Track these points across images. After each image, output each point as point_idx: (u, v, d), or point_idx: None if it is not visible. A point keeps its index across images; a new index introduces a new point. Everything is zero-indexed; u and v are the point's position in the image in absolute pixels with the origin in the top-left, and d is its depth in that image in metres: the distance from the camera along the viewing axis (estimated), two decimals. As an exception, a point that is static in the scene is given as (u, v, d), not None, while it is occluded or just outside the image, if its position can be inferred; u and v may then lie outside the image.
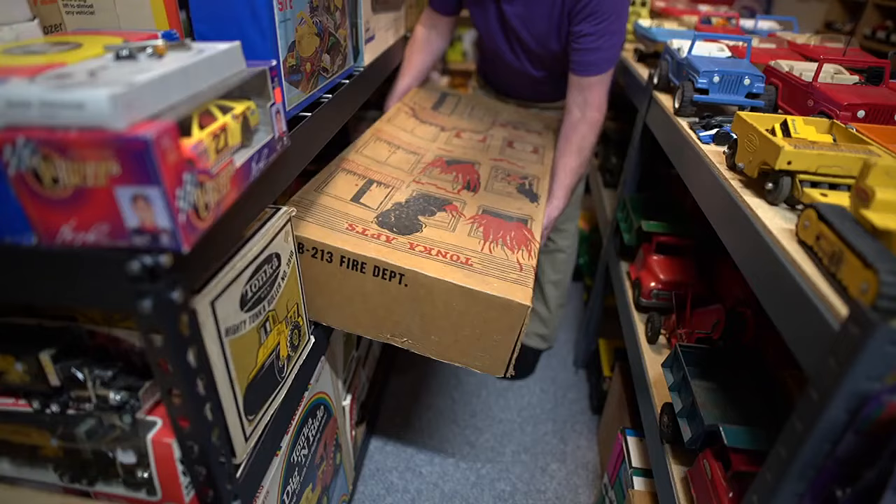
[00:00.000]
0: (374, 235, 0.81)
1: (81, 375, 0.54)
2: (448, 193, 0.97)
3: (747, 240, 0.62)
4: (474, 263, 0.80)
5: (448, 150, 1.14)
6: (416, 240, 0.82)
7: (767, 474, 0.53)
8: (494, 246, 0.85)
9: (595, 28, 1.07)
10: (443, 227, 0.87)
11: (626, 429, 1.04)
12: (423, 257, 0.78)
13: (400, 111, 1.23)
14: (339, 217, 0.83)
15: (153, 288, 0.43)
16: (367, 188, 0.92)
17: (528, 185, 1.06)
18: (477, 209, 0.94)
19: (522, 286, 0.77)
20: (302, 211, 0.81)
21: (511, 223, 0.93)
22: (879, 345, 0.41)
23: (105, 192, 0.40)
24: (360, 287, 0.78)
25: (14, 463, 0.59)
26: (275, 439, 0.72)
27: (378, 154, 1.03)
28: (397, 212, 0.88)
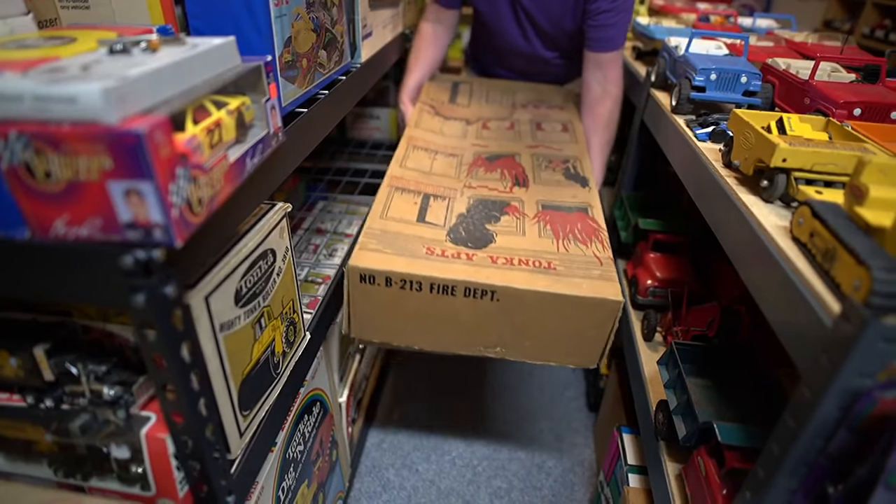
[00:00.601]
0: (455, 255, 0.80)
1: (76, 370, 0.54)
2: (502, 193, 0.97)
3: (742, 237, 0.62)
4: (557, 266, 0.79)
5: (482, 144, 1.13)
6: (495, 252, 0.82)
7: (760, 471, 0.53)
8: (568, 243, 0.85)
9: (612, 4, 1.10)
10: (512, 232, 0.87)
11: (621, 426, 1.04)
12: (508, 269, 0.78)
13: (422, 112, 1.22)
14: (414, 242, 0.82)
15: (146, 283, 0.43)
16: (426, 204, 0.92)
17: (573, 170, 1.04)
18: (536, 206, 0.94)
19: (610, 281, 0.77)
20: (378, 243, 0.80)
21: (573, 214, 0.92)
22: (871, 341, 0.41)
23: (98, 186, 0.40)
24: (451, 308, 0.78)
25: (9, 458, 0.59)
26: (270, 435, 0.72)
27: (421, 164, 1.03)
28: (464, 224, 0.88)
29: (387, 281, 0.75)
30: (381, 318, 0.80)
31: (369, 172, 1.36)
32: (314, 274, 1.04)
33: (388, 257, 0.77)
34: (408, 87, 1.30)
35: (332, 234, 1.18)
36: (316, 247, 1.14)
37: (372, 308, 0.79)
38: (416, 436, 1.37)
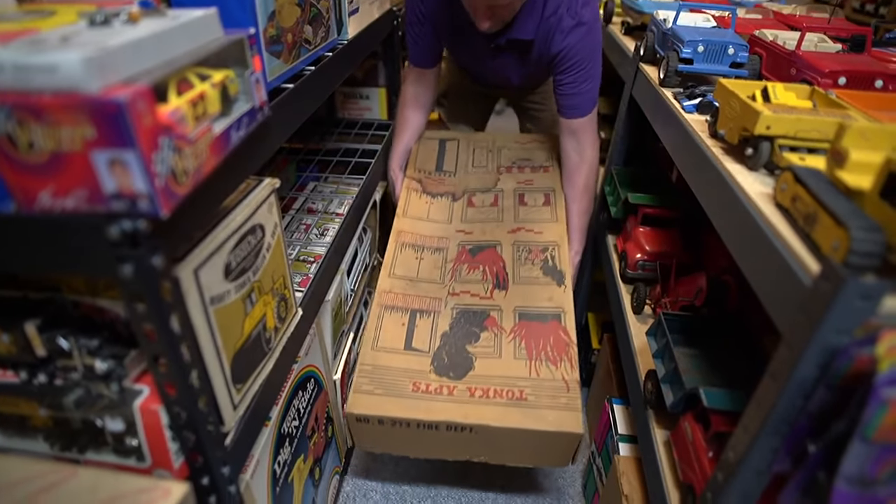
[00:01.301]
0: (437, 390, 0.92)
1: (67, 345, 0.54)
2: (483, 301, 1.06)
3: (726, 204, 0.62)
4: (528, 396, 0.90)
5: (467, 231, 1.21)
6: (473, 382, 0.93)
7: (742, 431, 0.55)
8: (539, 364, 0.95)
9: (574, 77, 1.14)
10: (490, 354, 0.97)
11: (612, 398, 1.06)
12: (484, 404, 0.89)
13: (410, 192, 1.29)
14: (402, 378, 0.93)
15: (134, 254, 0.43)
16: (413, 324, 1.02)
17: (550, 262, 1.12)
18: (514, 316, 1.03)
19: (573, 412, 0.88)
20: (370, 383, 0.92)
21: (547, 324, 1.01)
22: (849, 299, 0.42)
23: (81, 156, 0.40)
24: (435, 437, 0.91)
25: (4, 433, 0.60)
26: (264, 409, 0.73)
27: (409, 268, 1.12)
28: (447, 347, 0.99)
29: (379, 421, 0.89)
30: (379, 439, 0.95)
31: (359, 152, 1.35)
32: (305, 253, 1.05)
33: (379, 400, 0.90)
34: (396, 154, 1.35)
35: (322, 213, 1.18)
36: (307, 226, 1.14)
37: (370, 434, 0.93)
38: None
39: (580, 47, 1.10)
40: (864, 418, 0.41)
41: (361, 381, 0.92)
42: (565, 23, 1.09)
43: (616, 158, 1.27)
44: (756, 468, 0.54)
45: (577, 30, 1.09)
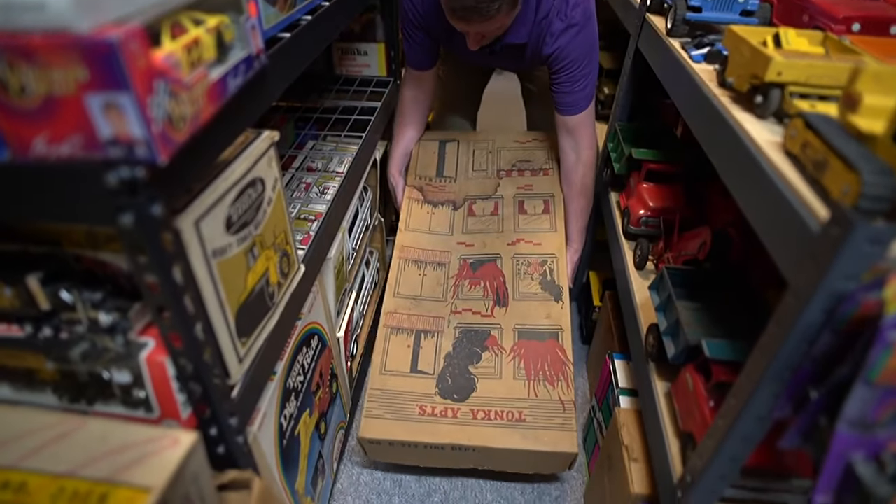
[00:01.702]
0: (442, 413, 1.00)
1: (70, 298, 0.54)
2: (484, 319, 1.13)
3: (734, 153, 0.61)
4: (527, 417, 0.98)
5: (468, 243, 1.25)
6: (476, 404, 1.01)
7: (745, 378, 0.55)
8: (537, 385, 1.02)
9: (567, 77, 1.15)
10: (491, 375, 1.05)
11: (613, 353, 1.07)
12: (486, 426, 0.97)
13: (411, 202, 1.32)
14: (409, 402, 1.01)
15: (133, 202, 0.43)
16: (418, 346, 1.09)
17: (549, 275, 1.18)
18: (513, 335, 1.10)
19: (568, 432, 0.96)
20: (379, 407, 1.01)
21: (545, 343, 1.08)
22: (858, 243, 0.42)
23: (75, 100, 0.39)
24: (440, 454, 1.01)
25: (13, 387, 0.60)
26: (269, 364, 0.74)
27: (412, 286, 1.18)
28: (451, 368, 1.06)
29: (389, 443, 0.98)
30: (390, 455, 1.06)
31: (358, 110, 1.33)
32: (306, 211, 1.04)
33: (388, 424, 0.98)
34: (395, 157, 1.38)
35: (322, 172, 1.16)
36: (308, 185, 1.13)
37: (382, 452, 1.04)
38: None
39: (571, 48, 1.11)
40: (869, 361, 0.41)
41: (372, 406, 1.00)
42: (555, 26, 1.10)
43: (620, 114, 1.24)
44: (757, 414, 0.55)
45: (568, 32, 1.10)
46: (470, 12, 0.93)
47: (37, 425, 0.52)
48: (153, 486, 0.46)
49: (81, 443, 0.50)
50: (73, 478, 0.47)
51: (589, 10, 1.11)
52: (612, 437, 0.95)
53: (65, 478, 0.47)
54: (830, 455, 0.45)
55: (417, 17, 1.18)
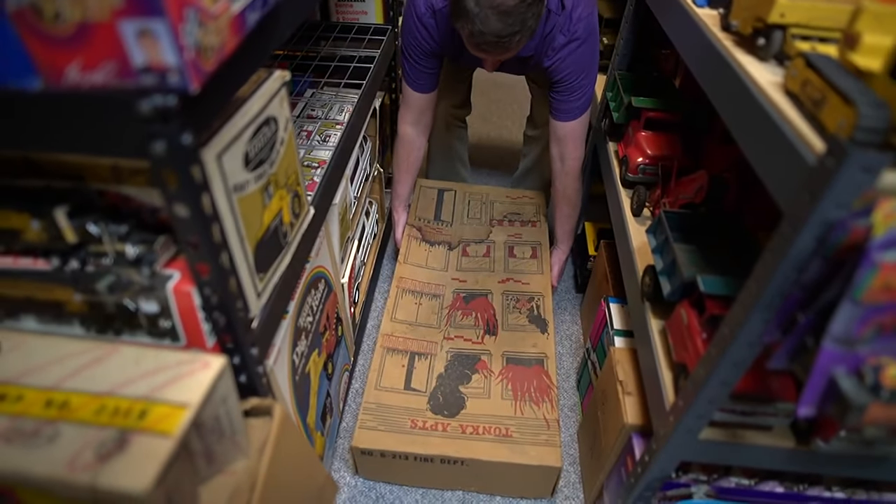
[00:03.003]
0: (432, 427, 1.04)
1: (97, 230, 0.56)
2: (475, 346, 1.20)
3: (736, 95, 0.63)
4: (513, 433, 1.03)
5: (461, 279, 1.35)
6: (465, 420, 1.05)
7: (739, 307, 0.59)
8: (524, 405, 1.08)
9: (564, 88, 1.18)
10: (480, 395, 1.10)
11: (608, 297, 1.11)
12: (475, 440, 1.02)
13: (411, 239, 1.44)
14: (402, 416, 1.05)
15: (165, 130, 0.44)
16: (412, 366, 1.15)
17: (535, 310, 1.27)
18: (502, 360, 1.17)
19: (552, 447, 1.01)
20: (373, 420, 1.04)
21: (531, 369, 1.15)
22: (851, 172, 0.45)
23: (109, 26, 0.40)
24: (430, 470, 1.03)
25: (41, 320, 0.63)
26: (283, 301, 0.76)
27: (408, 312, 1.26)
28: (442, 388, 1.11)
29: (381, 454, 1.01)
30: (381, 470, 1.08)
31: (357, 58, 1.32)
32: (309, 158, 1.05)
33: (381, 436, 1.02)
34: (401, 197, 1.46)
35: (323, 120, 1.17)
36: (309, 133, 1.13)
37: (373, 465, 1.06)
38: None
39: (570, 61, 1.14)
40: (855, 280, 0.45)
41: (366, 418, 1.04)
42: (558, 41, 1.12)
43: (619, 62, 1.25)
44: (748, 340, 0.59)
45: (569, 45, 1.12)
46: (494, 46, 0.96)
47: (72, 351, 0.55)
48: (189, 403, 0.50)
49: (116, 366, 0.53)
50: (112, 396, 0.50)
51: (591, 25, 1.13)
52: (607, 374, 1.00)
53: (105, 396, 0.50)
54: (815, 370, 0.49)
55: (431, 44, 1.19)
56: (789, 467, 0.74)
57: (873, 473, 0.73)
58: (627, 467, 0.89)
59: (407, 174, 1.42)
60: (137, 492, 0.43)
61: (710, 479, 0.83)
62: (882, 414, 0.48)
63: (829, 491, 0.82)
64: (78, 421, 0.48)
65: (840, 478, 0.83)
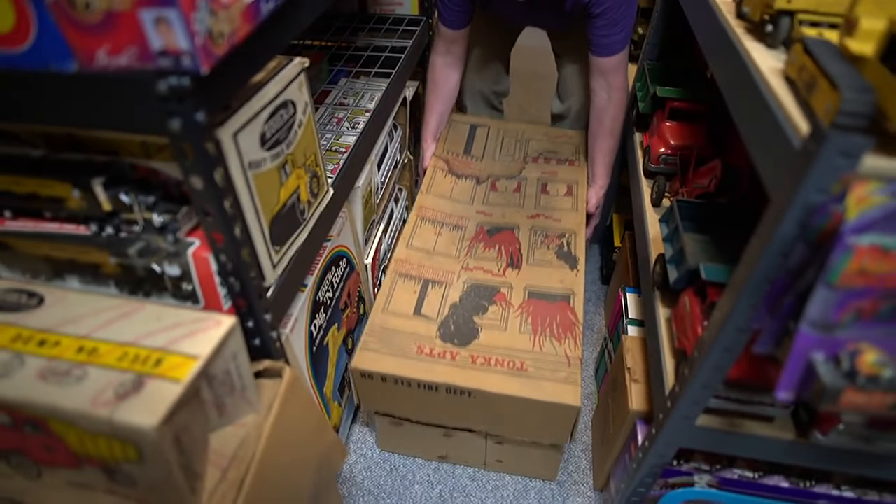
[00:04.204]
0: (440, 354, 0.96)
1: (128, 200, 0.62)
2: (495, 277, 1.10)
3: (739, 80, 0.63)
4: (529, 367, 0.93)
5: (487, 213, 1.23)
6: (476, 350, 0.96)
7: (729, 292, 0.60)
8: (543, 340, 0.98)
9: (604, 22, 1.15)
10: (495, 326, 1.01)
11: (626, 287, 1.12)
12: (485, 371, 0.93)
13: (436, 170, 1.34)
14: (408, 340, 0.98)
15: (180, 108, 0.49)
16: (424, 293, 1.07)
17: (566, 247, 1.16)
18: (523, 294, 1.06)
19: (573, 385, 0.91)
20: (377, 342, 0.97)
21: (555, 304, 1.04)
22: (830, 156, 0.45)
23: (131, 15, 0.45)
24: (434, 400, 0.95)
25: (82, 280, 0.70)
26: (300, 275, 0.81)
27: (426, 241, 1.17)
28: (455, 317, 1.03)
29: (382, 378, 0.94)
30: (381, 398, 0.99)
31: (389, 48, 1.36)
32: (337, 144, 1.10)
33: (383, 358, 0.94)
34: (430, 126, 1.42)
35: (353, 107, 1.22)
36: (339, 119, 1.18)
37: (373, 392, 0.98)
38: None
39: None
40: (829, 264, 0.45)
41: (369, 340, 0.97)
42: None
43: (649, 53, 1.24)
44: (737, 325, 0.59)
45: None
46: None
47: (104, 306, 0.62)
48: (200, 355, 0.55)
49: (141, 320, 0.60)
50: (134, 346, 0.56)
51: None
52: (618, 362, 1.01)
53: (128, 345, 0.56)
54: (792, 353, 0.50)
55: None
56: (789, 460, 0.73)
57: (880, 472, 0.72)
58: (631, 454, 0.90)
59: (437, 102, 1.41)
60: (147, 427, 0.48)
61: (712, 469, 0.83)
62: (858, 399, 0.48)
63: (837, 489, 0.81)
64: (103, 365, 0.54)
65: (850, 476, 0.82)
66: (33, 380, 0.53)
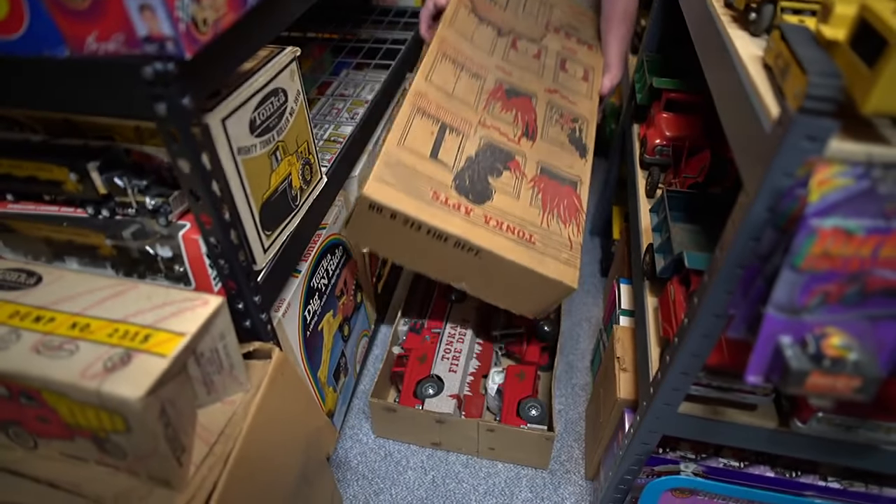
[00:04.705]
0: (455, 206, 0.92)
1: (122, 183, 0.64)
2: (510, 143, 1.06)
3: (720, 68, 0.64)
4: (536, 241, 0.94)
5: (507, 70, 1.17)
6: (490, 211, 0.94)
7: (706, 278, 0.60)
8: (551, 218, 0.99)
9: None
10: (509, 192, 0.99)
11: (620, 278, 1.12)
12: (496, 233, 0.92)
13: (460, 5, 1.22)
14: (424, 182, 0.91)
15: (166, 92, 0.51)
16: (441, 137, 0.99)
17: (577, 133, 1.13)
18: (536, 168, 1.04)
19: (572, 268, 0.94)
20: (392, 177, 0.89)
21: (564, 187, 1.04)
22: (795, 139, 0.45)
23: (117, 2, 0.47)
24: (438, 249, 0.92)
25: (81, 262, 0.73)
26: (292, 260, 0.83)
27: (446, 81, 1.08)
28: (470, 171, 0.98)
29: (392, 215, 0.87)
30: (376, 234, 0.93)
31: (389, 41, 1.37)
32: (336, 134, 1.12)
33: (398, 195, 0.87)
34: None
35: (353, 98, 1.23)
36: (339, 110, 1.20)
37: (371, 227, 0.91)
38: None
39: None
40: (793, 247, 0.46)
41: (384, 171, 0.88)
42: None
43: (648, 44, 1.24)
44: (714, 311, 0.60)
45: None
46: None
47: (98, 286, 0.64)
48: (186, 332, 0.57)
49: (132, 299, 0.62)
50: (124, 323, 0.58)
51: None
52: (609, 351, 1.02)
53: (118, 322, 0.58)
54: (760, 336, 0.50)
55: None
56: (771, 449, 0.74)
57: (864, 463, 0.72)
58: (619, 442, 0.90)
59: None
60: (133, 398, 0.51)
61: (698, 458, 0.84)
62: (823, 382, 0.48)
63: (823, 480, 0.81)
64: (94, 340, 0.56)
65: (836, 467, 0.82)
66: (28, 353, 0.55)
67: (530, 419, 1.05)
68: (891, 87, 0.43)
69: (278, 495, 0.73)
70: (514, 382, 1.11)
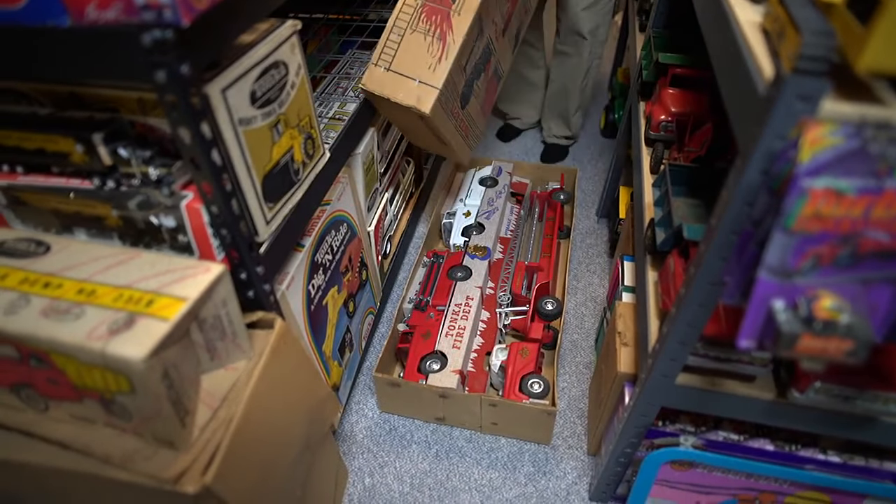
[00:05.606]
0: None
1: (126, 153, 0.65)
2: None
3: (719, 35, 0.63)
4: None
5: None
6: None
7: (702, 245, 0.60)
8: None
9: None
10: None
11: (624, 255, 1.12)
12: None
13: None
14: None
15: (165, 60, 0.52)
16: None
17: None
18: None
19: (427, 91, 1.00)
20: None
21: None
22: (788, 100, 0.45)
23: (114, -32, 0.48)
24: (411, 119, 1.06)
25: (89, 233, 0.74)
26: (295, 234, 0.84)
27: None
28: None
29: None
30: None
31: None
32: (341, 112, 1.12)
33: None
34: None
35: (358, 77, 1.24)
36: (344, 89, 1.21)
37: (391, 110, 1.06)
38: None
39: None
40: (785, 209, 0.46)
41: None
42: None
43: (656, 20, 1.22)
44: (709, 279, 0.60)
45: None
46: None
47: (104, 254, 0.66)
48: (188, 297, 0.59)
49: (137, 266, 0.63)
50: (129, 288, 0.60)
51: None
52: (611, 327, 1.02)
53: (123, 288, 0.60)
54: (752, 300, 0.50)
55: None
56: (769, 420, 0.74)
57: (863, 435, 0.72)
58: (619, 415, 0.91)
59: None
60: (136, 359, 0.52)
61: (697, 431, 0.84)
62: (815, 345, 0.48)
63: (823, 454, 0.81)
64: (100, 304, 0.58)
65: (836, 441, 0.82)
66: (37, 316, 0.57)
67: (532, 394, 1.06)
68: (884, 44, 0.42)
69: (281, 461, 0.75)
70: (517, 359, 1.12)
